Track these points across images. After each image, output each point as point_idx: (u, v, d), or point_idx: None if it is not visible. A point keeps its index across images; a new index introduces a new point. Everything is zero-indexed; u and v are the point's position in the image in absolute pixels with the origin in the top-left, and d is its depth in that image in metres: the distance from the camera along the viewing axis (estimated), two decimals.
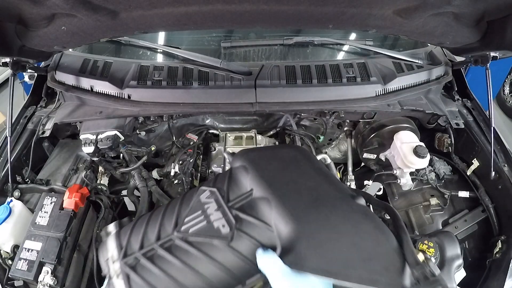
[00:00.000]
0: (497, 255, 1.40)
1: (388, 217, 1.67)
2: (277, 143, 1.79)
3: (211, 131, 1.88)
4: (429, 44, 1.89)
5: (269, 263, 0.62)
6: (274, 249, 0.67)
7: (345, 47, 1.89)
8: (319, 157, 0.95)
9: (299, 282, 0.58)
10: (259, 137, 1.79)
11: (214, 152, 1.77)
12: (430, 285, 0.61)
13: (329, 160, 0.99)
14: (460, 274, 1.26)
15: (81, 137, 1.58)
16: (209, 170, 1.73)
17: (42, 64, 1.84)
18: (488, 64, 1.56)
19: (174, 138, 1.82)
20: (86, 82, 1.66)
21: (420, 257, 0.67)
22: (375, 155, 1.82)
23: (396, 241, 0.70)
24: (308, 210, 0.72)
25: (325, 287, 0.59)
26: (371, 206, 1.08)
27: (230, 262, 0.69)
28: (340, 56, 1.90)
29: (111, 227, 0.84)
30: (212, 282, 0.69)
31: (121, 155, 1.72)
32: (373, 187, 1.69)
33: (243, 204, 0.76)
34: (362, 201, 0.79)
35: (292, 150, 1.01)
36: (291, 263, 0.61)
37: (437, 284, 0.61)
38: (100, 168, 1.69)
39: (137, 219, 0.83)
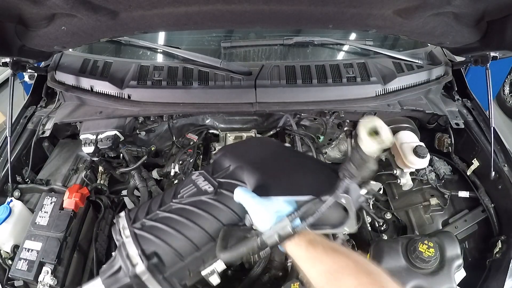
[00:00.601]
0: (497, 255, 1.40)
1: (388, 217, 1.67)
2: None
3: (211, 131, 1.88)
4: (429, 44, 1.88)
5: (243, 194, 0.80)
6: None
7: (345, 47, 1.89)
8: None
9: (266, 202, 0.77)
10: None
11: (214, 152, 1.77)
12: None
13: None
14: (460, 274, 1.26)
15: (81, 137, 1.58)
16: None
17: (42, 64, 1.84)
18: (488, 64, 1.56)
19: (174, 138, 1.81)
20: (86, 82, 1.66)
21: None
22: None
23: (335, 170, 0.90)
24: (269, 162, 1.00)
25: (286, 203, 0.78)
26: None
27: (217, 211, 0.87)
28: (340, 56, 1.90)
29: (122, 213, 0.97)
30: (204, 229, 0.86)
31: (121, 155, 1.72)
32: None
33: (224, 175, 0.97)
34: (310, 153, 1.09)
35: (260, 138, 1.42)
36: (259, 192, 0.83)
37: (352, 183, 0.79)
38: (100, 168, 1.69)
39: (142, 203, 1.00)
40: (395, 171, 1.69)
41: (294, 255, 0.70)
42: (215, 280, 0.89)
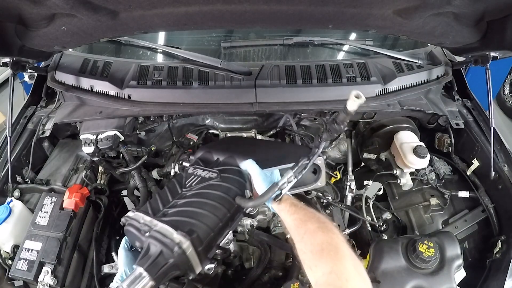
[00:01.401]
0: (497, 255, 1.40)
1: (388, 217, 1.67)
2: None
3: (211, 131, 1.88)
4: (429, 44, 1.88)
5: (252, 164, 1.08)
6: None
7: (345, 47, 1.89)
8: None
9: (266, 172, 1.07)
10: (259, 137, 1.79)
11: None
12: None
13: None
14: (460, 274, 1.26)
15: (81, 137, 1.58)
16: None
17: (42, 64, 1.84)
18: (488, 64, 1.56)
19: (174, 138, 1.81)
20: (86, 82, 1.66)
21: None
22: (375, 155, 1.82)
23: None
24: (251, 149, 1.32)
25: (275, 172, 1.10)
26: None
27: (226, 189, 1.06)
28: (340, 56, 1.90)
29: (131, 213, 1.05)
30: (221, 203, 1.03)
31: (121, 155, 1.71)
32: (373, 187, 1.69)
33: (218, 165, 1.17)
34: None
35: (231, 136, 1.63)
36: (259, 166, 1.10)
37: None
38: (100, 168, 1.69)
39: (148, 201, 1.11)
40: (395, 171, 1.69)
41: (280, 210, 0.99)
42: (232, 246, 1.12)
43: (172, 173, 1.66)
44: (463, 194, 1.60)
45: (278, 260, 1.50)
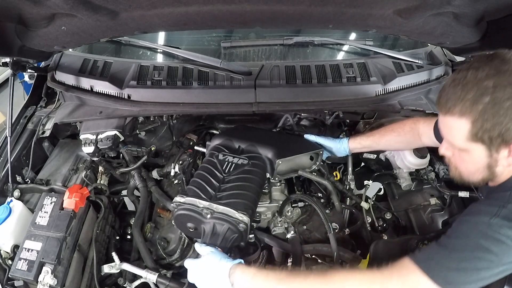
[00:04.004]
0: None
1: (388, 217, 1.67)
2: None
3: (211, 131, 1.88)
4: (429, 44, 1.88)
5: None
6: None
7: (345, 47, 1.89)
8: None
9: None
10: None
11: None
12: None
13: None
14: None
15: (81, 137, 1.58)
16: None
17: (42, 64, 1.84)
18: None
19: (174, 138, 1.81)
20: (86, 82, 1.66)
21: None
22: (375, 155, 1.82)
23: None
24: (266, 137, 1.55)
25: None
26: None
27: (255, 173, 1.35)
28: (340, 56, 1.90)
29: (179, 198, 1.25)
30: (255, 184, 1.31)
31: (121, 155, 1.71)
32: (373, 187, 1.69)
33: (242, 152, 1.43)
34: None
35: (243, 125, 1.76)
36: (277, 156, 1.39)
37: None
38: (100, 168, 1.69)
39: (192, 186, 1.31)
40: (395, 171, 1.69)
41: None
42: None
43: (172, 173, 1.66)
44: (463, 194, 1.60)
45: (278, 260, 1.49)
